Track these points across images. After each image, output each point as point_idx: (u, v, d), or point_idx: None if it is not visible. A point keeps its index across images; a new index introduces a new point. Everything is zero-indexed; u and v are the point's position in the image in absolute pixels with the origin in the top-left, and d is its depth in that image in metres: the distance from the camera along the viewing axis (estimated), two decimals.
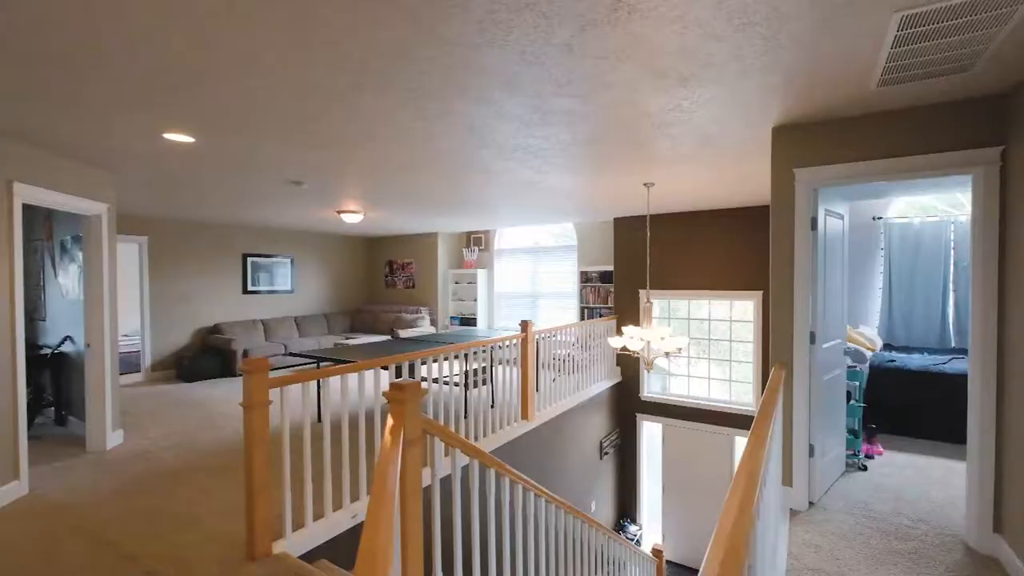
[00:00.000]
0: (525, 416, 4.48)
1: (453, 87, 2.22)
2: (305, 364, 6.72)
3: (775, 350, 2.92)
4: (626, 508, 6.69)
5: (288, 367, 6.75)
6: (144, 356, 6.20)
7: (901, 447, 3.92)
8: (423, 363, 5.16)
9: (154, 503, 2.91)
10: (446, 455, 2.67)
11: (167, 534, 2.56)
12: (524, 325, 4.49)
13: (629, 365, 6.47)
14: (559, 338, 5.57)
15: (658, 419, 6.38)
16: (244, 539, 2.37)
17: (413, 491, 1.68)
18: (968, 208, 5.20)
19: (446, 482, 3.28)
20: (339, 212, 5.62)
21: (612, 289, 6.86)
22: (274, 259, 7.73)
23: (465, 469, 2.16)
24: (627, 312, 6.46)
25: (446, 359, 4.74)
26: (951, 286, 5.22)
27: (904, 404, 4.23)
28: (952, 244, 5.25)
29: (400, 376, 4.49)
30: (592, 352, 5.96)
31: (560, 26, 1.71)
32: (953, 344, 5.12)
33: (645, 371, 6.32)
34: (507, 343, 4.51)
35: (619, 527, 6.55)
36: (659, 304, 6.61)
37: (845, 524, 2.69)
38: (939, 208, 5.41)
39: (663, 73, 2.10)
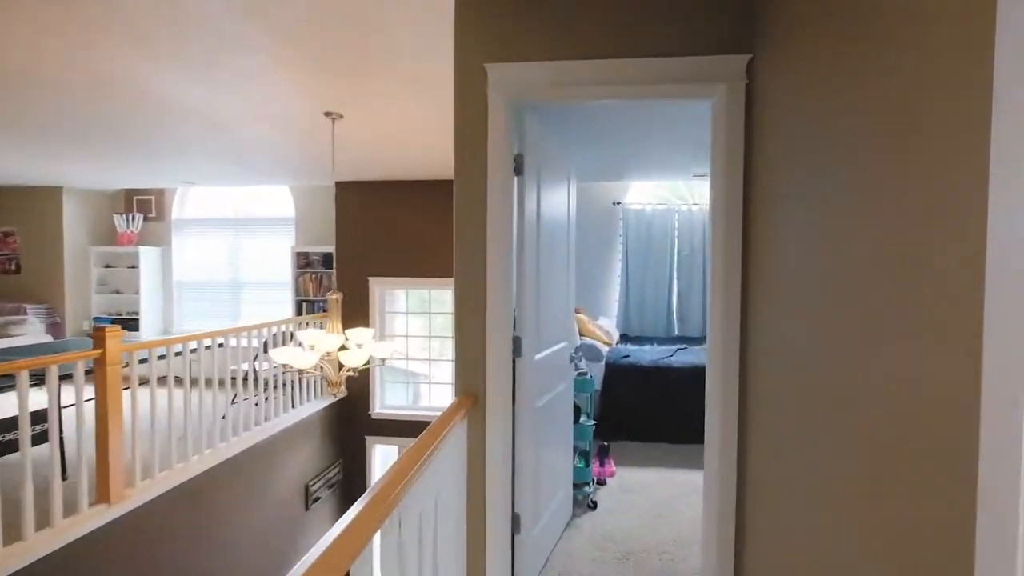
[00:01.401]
0: (105, 497, 2.51)
1: None
2: None
3: (459, 371, 1.75)
4: None
5: None
6: None
7: (634, 458, 3.38)
8: None
9: None
10: None
11: None
12: (100, 335, 2.49)
13: (355, 377, 4.97)
14: (234, 344, 3.70)
15: (394, 440, 5.06)
16: None
17: None
18: (690, 199, 5.30)
19: None
20: None
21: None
22: None
23: None
24: (352, 306, 4.93)
25: None
26: (675, 274, 5.26)
27: (638, 403, 3.78)
28: (676, 233, 5.29)
29: None
30: None
31: None
32: (677, 333, 5.13)
33: (373, 384, 4.93)
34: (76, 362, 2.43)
35: None
36: (403, 296, 5.30)
37: None
38: (667, 196, 5.43)
39: None
